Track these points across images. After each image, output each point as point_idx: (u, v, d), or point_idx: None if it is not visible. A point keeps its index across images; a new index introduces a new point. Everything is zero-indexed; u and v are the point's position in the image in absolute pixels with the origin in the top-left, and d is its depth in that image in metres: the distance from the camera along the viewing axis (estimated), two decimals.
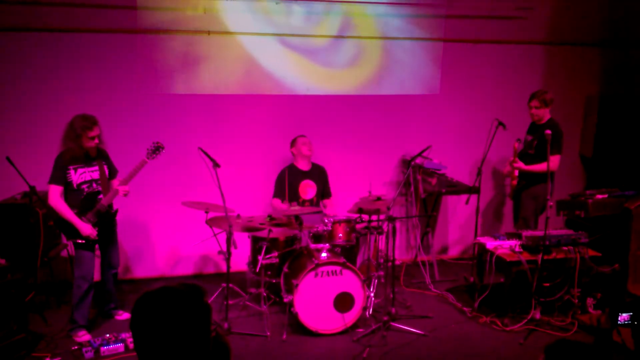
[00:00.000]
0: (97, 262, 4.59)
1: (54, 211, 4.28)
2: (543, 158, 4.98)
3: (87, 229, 4.23)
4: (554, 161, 5.13)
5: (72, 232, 4.26)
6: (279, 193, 5.48)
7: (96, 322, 4.64)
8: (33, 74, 5.21)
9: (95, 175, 4.35)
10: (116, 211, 4.50)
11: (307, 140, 5.53)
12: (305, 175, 5.51)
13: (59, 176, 4.21)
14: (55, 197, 4.19)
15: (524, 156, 5.30)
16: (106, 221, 4.41)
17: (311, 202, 5.44)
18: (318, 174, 5.59)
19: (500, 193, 6.57)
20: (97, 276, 4.61)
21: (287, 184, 5.28)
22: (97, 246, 4.46)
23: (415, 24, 5.97)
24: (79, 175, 4.27)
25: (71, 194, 4.26)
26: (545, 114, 5.30)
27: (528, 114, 5.35)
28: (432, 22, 6.01)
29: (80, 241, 4.28)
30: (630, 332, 3.88)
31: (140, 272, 5.59)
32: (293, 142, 5.56)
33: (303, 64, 5.82)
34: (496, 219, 6.60)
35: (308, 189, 5.48)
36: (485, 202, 6.53)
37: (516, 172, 5.28)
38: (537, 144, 5.20)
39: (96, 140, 4.28)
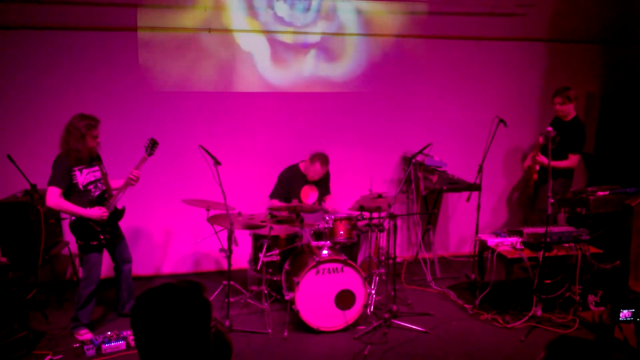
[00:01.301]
0: (104, 261, 4.59)
1: (56, 210, 4.27)
2: (563, 155, 5.24)
3: (96, 212, 4.20)
4: (573, 159, 5.37)
5: (85, 234, 4.24)
6: (278, 194, 5.46)
7: (98, 321, 4.65)
8: (33, 72, 5.21)
9: (98, 175, 4.34)
10: (124, 209, 4.50)
11: (322, 171, 5.35)
12: (308, 180, 5.49)
13: (61, 178, 4.15)
14: (55, 197, 4.13)
15: (545, 150, 5.34)
16: (115, 220, 4.42)
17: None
18: (321, 179, 5.55)
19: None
20: (111, 273, 4.67)
21: (287, 187, 5.26)
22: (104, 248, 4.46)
23: (415, 22, 5.96)
24: (85, 176, 4.25)
25: (77, 195, 4.22)
26: (570, 111, 5.44)
27: (529, 112, 5.38)
28: (433, 20, 6.00)
29: (93, 243, 4.26)
30: (632, 329, 3.89)
31: (141, 269, 5.59)
32: (312, 159, 5.34)
33: (304, 62, 5.82)
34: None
35: (310, 193, 5.46)
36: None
37: (537, 167, 5.41)
38: (559, 139, 5.24)
39: (98, 140, 4.28)
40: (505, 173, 6.52)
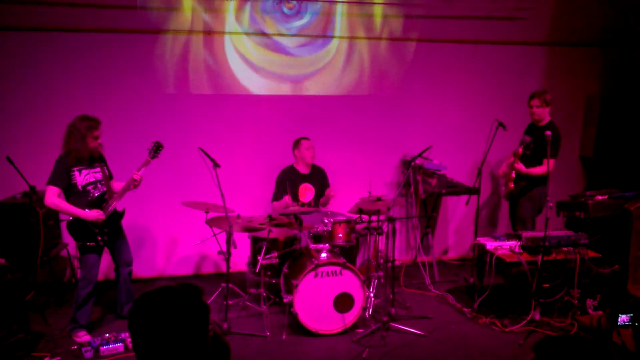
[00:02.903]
0: (105, 262, 4.59)
1: (55, 212, 4.27)
2: (540, 160, 5.07)
3: (92, 214, 4.21)
4: (549, 165, 5.10)
5: (82, 235, 4.25)
6: (279, 197, 5.48)
7: (97, 323, 4.65)
8: (33, 73, 5.22)
9: (99, 176, 4.35)
10: (123, 211, 4.51)
11: (311, 145, 5.49)
12: (304, 178, 5.50)
13: (60, 178, 4.18)
14: (53, 197, 4.16)
15: (521, 157, 5.27)
16: (114, 222, 4.42)
17: (309, 205, 5.42)
18: (317, 177, 5.57)
19: (496, 195, 6.56)
20: (111, 275, 4.67)
21: (288, 188, 5.27)
22: (106, 248, 4.46)
23: (415, 25, 5.97)
24: (84, 177, 4.27)
25: (76, 195, 4.24)
26: (545, 115, 5.29)
27: (529, 114, 5.34)
28: (432, 23, 6.01)
29: (90, 244, 4.26)
30: (631, 334, 3.89)
31: (140, 271, 5.58)
32: (296, 144, 5.51)
33: (304, 64, 5.83)
34: (491, 221, 6.60)
35: (307, 192, 5.46)
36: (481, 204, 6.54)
37: (513, 174, 5.24)
38: (534, 146, 5.19)
39: (99, 140, 4.30)
40: (499, 177, 6.49)
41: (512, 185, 5.27)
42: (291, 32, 5.73)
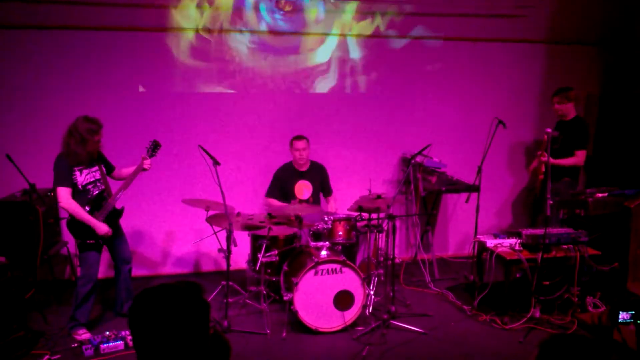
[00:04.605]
0: (104, 261, 4.59)
1: (55, 210, 4.27)
2: (568, 152, 5.28)
3: (103, 228, 4.24)
4: (580, 156, 5.44)
5: (82, 232, 4.25)
6: (273, 193, 5.47)
7: (97, 321, 4.65)
8: (33, 72, 5.21)
9: (97, 175, 4.36)
10: (122, 209, 4.51)
11: (304, 146, 5.36)
12: (301, 175, 5.47)
13: (66, 177, 4.17)
14: (67, 198, 4.16)
15: (550, 151, 5.40)
16: (113, 220, 4.42)
17: (307, 202, 5.39)
18: (315, 174, 5.55)
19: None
20: (110, 273, 4.66)
21: (278, 192, 5.27)
22: (104, 246, 4.47)
23: (414, 24, 5.96)
24: (84, 177, 4.27)
25: (76, 194, 4.23)
26: (570, 110, 5.52)
27: (528, 113, 5.40)
28: (432, 21, 6.00)
29: (90, 242, 4.27)
30: (631, 331, 3.89)
31: (140, 270, 5.59)
32: (290, 144, 5.46)
33: (304, 63, 5.82)
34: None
35: (304, 189, 5.44)
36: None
37: (543, 168, 5.40)
38: (562, 139, 5.35)
39: (100, 143, 4.30)
40: (504, 174, 6.53)
41: (541, 177, 5.45)
42: (290, 30, 5.73)
